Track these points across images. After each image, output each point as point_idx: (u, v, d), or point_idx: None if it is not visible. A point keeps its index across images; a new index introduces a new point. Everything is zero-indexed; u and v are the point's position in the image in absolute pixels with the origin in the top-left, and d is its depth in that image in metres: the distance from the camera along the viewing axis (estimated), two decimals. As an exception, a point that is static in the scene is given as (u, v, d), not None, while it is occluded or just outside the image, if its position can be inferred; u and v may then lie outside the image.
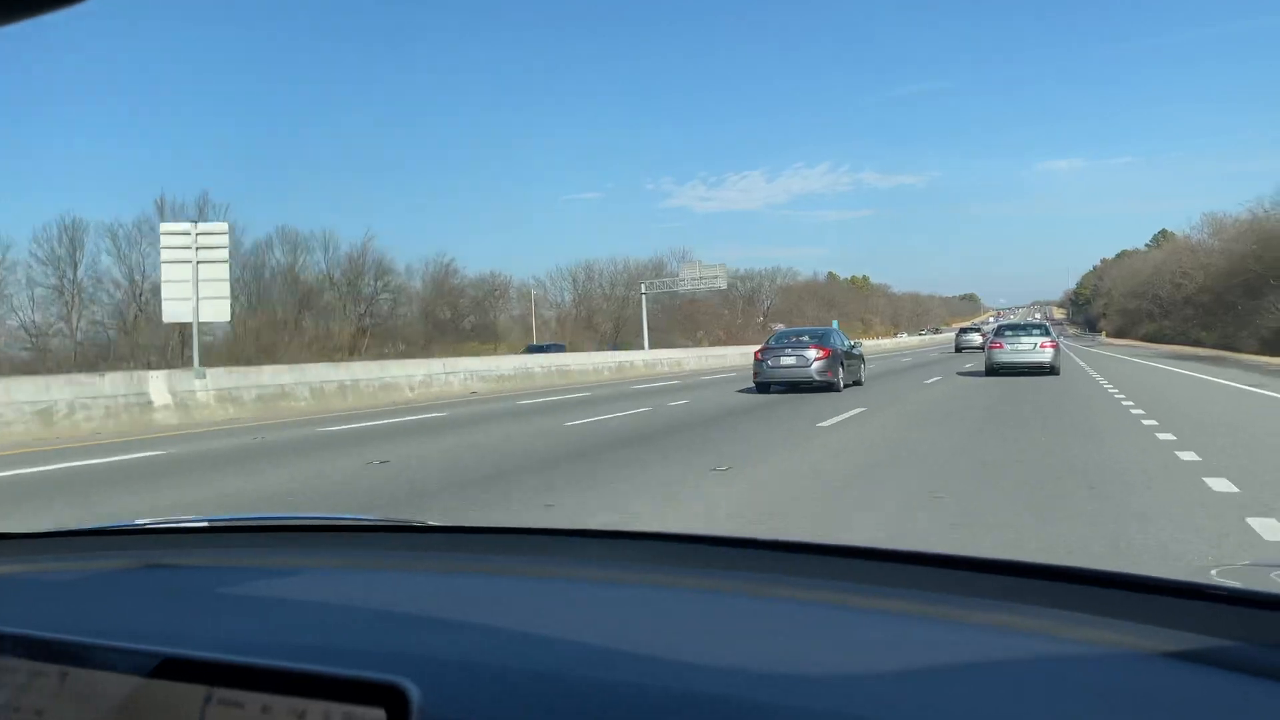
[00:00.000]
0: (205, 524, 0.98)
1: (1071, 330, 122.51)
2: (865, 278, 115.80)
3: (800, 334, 13.73)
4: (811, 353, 12.57)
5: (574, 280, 62.96)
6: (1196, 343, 45.26)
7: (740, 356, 25.00)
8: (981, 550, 0.68)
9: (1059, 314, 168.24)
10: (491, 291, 54.95)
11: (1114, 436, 6.57)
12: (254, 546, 0.90)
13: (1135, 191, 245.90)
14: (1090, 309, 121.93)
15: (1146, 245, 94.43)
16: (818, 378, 12.43)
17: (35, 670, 0.43)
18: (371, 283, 45.42)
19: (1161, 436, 6.37)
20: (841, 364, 12.92)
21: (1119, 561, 2.53)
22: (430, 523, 0.94)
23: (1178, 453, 5.55)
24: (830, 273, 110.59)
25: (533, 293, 55.25)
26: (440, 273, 51.72)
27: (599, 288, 62.45)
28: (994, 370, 15.60)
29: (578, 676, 0.49)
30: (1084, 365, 19.54)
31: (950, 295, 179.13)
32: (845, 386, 13.08)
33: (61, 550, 0.90)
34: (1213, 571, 0.71)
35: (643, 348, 34.84)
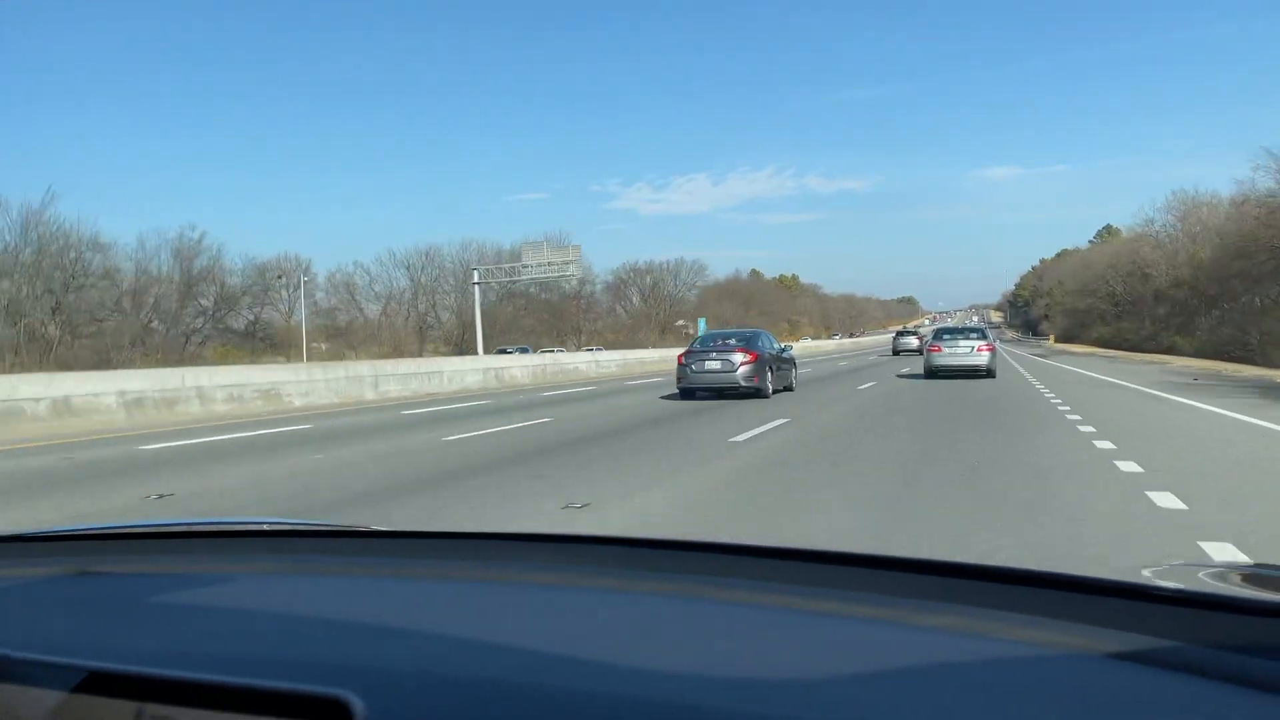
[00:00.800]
0: (141, 529, 0.97)
1: (1010, 334, 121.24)
2: (794, 277, 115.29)
3: (726, 337, 13.77)
4: (738, 357, 12.54)
5: (409, 267, 50.46)
6: (1169, 349, 37.31)
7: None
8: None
9: (996, 317, 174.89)
10: (269, 278, 44.44)
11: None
12: (190, 552, 0.89)
13: (1070, 199, 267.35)
14: (1030, 311, 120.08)
15: (1091, 242, 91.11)
16: (744, 384, 12.40)
17: None
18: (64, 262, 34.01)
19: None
20: (770, 369, 12.98)
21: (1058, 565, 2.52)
22: (373, 528, 0.94)
23: None
24: (754, 270, 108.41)
25: (302, 281, 44.14)
26: (188, 250, 40.96)
27: (449, 278, 51.00)
28: (933, 373, 16.52)
29: (529, 684, 0.49)
30: (1051, 398, 11.66)
31: (888, 298, 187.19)
32: (775, 392, 13.17)
33: None
34: (1145, 571, 0.72)
35: (478, 351, 31.50)
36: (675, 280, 68.02)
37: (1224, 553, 3.33)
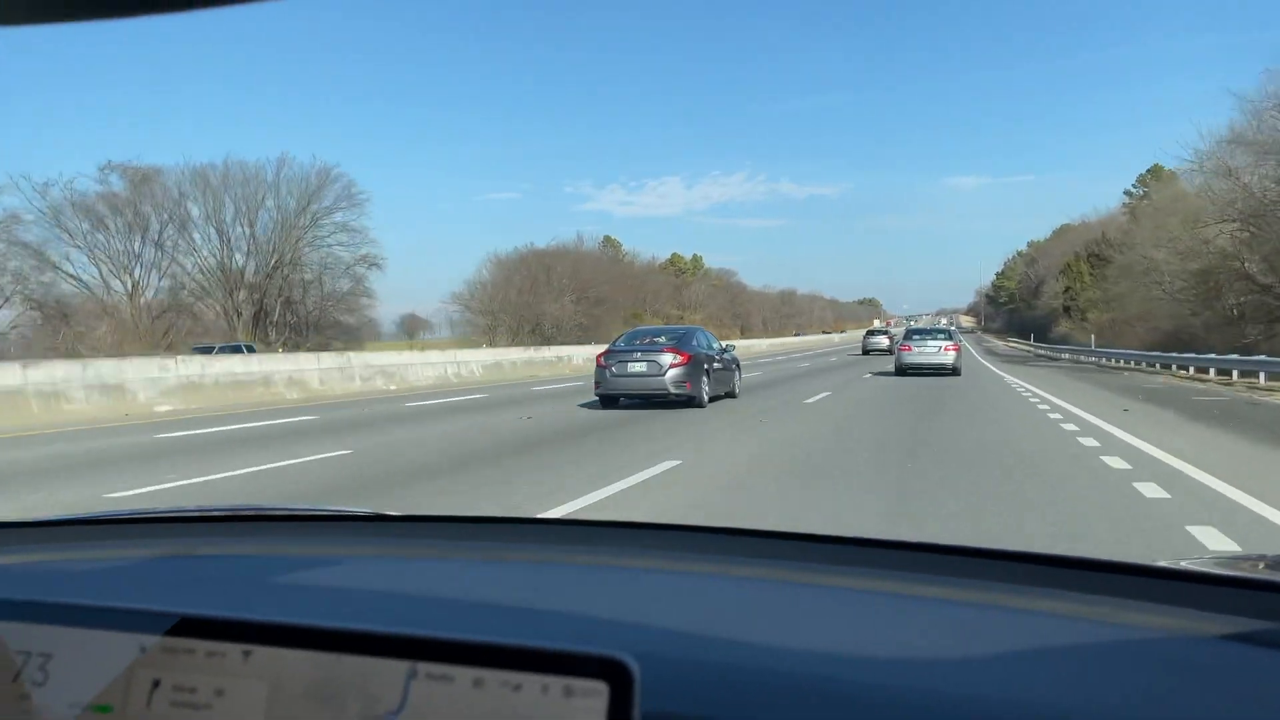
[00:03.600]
0: (234, 513, 1.13)
1: (996, 340, 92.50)
2: (696, 258, 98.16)
3: (655, 334, 13.57)
4: (667, 358, 12.30)
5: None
6: None
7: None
8: None
9: (967, 321, 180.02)
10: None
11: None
12: (279, 536, 1.06)
13: (1036, 209, 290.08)
14: (1023, 310, 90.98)
15: (1132, 195, 65.53)
16: (674, 390, 12.17)
17: (212, 650, 0.46)
18: None
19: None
20: (706, 373, 12.76)
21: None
22: (479, 515, 1.12)
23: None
24: (675, 254, 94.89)
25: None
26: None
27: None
28: (903, 370, 20.59)
29: (688, 659, 0.61)
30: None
31: (848, 300, 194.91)
32: (714, 399, 13.02)
33: (67, 539, 1.03)
34: (1182, 563, 0.89)
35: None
36: (560, 264, 58.49)
37: None
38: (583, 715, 0.43)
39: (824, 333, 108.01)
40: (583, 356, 27.85)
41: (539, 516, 1.21)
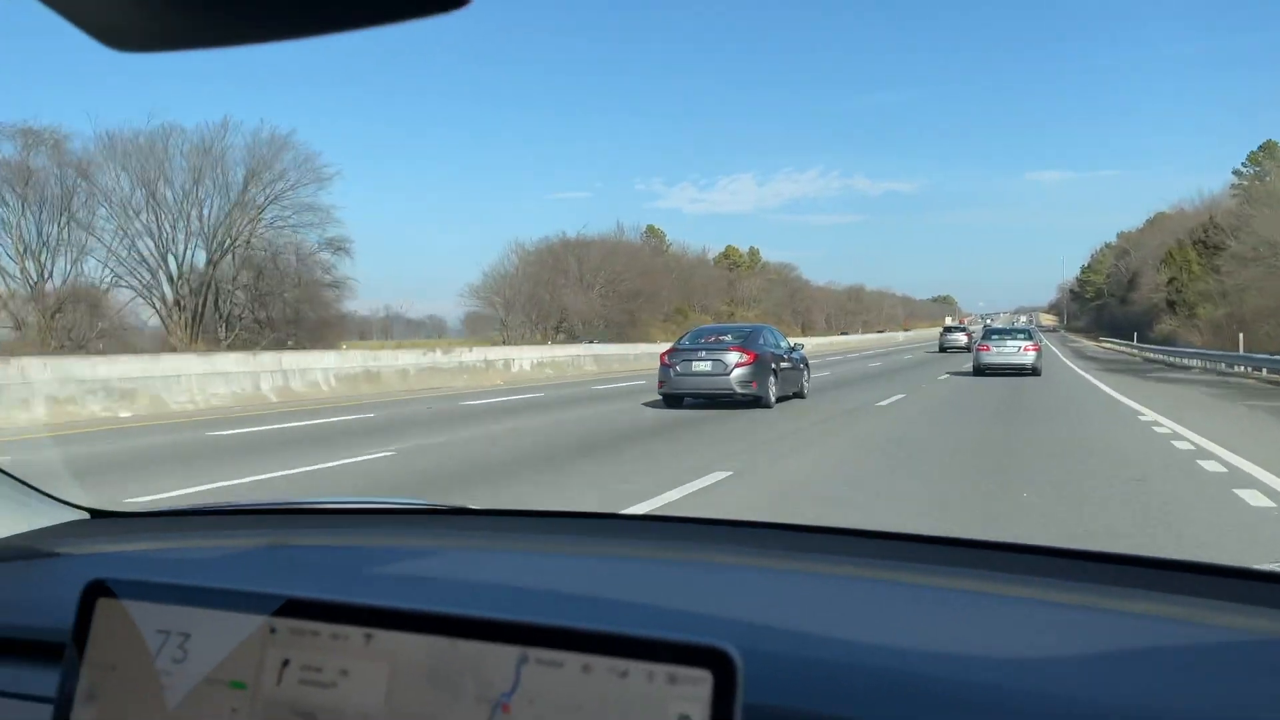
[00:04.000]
0: (323, 506, 1.20)
1: (1085, 340, 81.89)
2: (753, 251, 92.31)
3: (721, 333, 13.61)
4: (732, 357, 12.30)
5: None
6: None
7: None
8: None
9: (1048, 320, 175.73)
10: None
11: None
12: (367, 527, 1.12)
13: (1122, 202, 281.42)
14: (1114, 306, 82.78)
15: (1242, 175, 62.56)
16: (739, 390, 12.15)
17: (335, 633, 0.51)
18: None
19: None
20: (773, 373, 12.74)
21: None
22: (566, 509, 1.18)
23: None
24: (730, 246, 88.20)
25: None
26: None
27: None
28: (981, 370, 21.05)
29: (774, 653, 0.63)
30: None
31: (922, 297, 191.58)
32: (781, 400, 12.98)
33: (176, 530, 1.11)
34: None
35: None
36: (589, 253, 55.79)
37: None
38: (687, 702, 0.46)
39: (878, 331, 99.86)
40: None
41: (621, 513, 1.25)
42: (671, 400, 12.86)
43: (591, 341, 33.69)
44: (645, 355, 26.62)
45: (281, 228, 41.27)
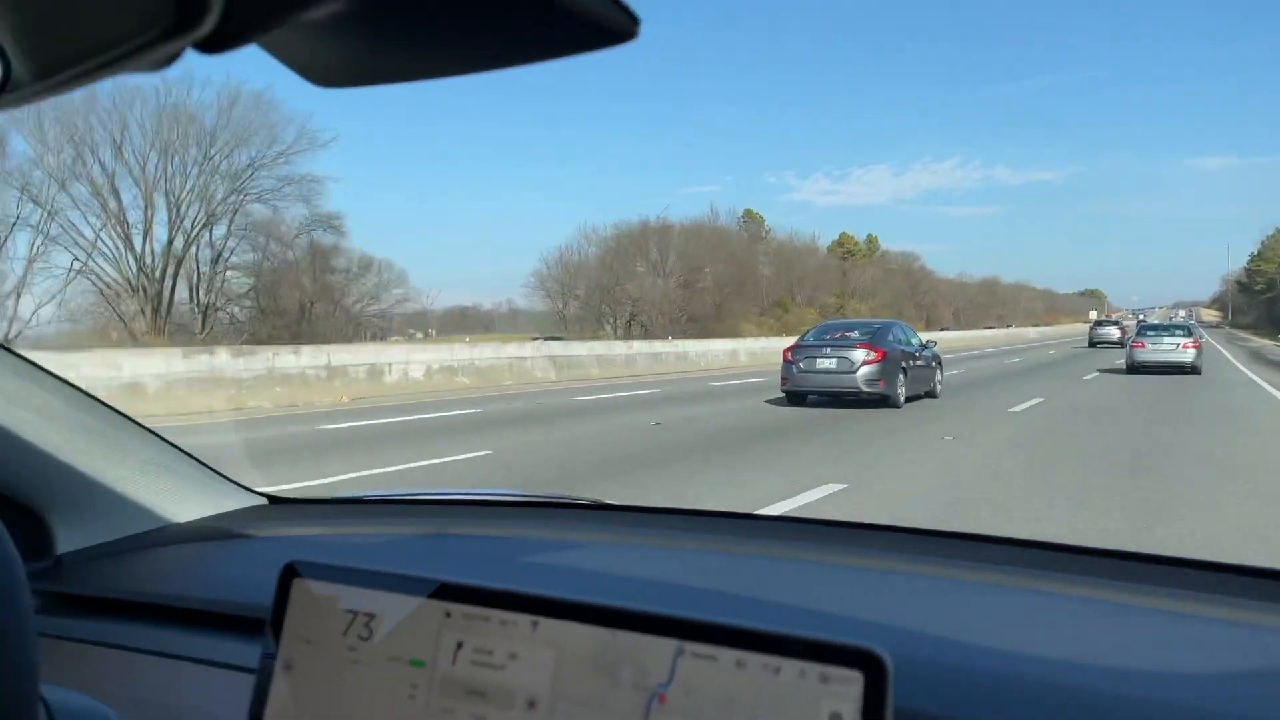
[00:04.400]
0: (481, 498, 1.29)
1: (1265, 340, 63.18)
2: (871, 238, 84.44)
3: (847, 328, 13.40)
4: (859, 354, 12.10)
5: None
6: None
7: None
8: None
9: (1210, 315, 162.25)
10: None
11: None
12: (527, 520, 1.20)
13: None
14: None
15: None
16: (865, 388, 11.97)
17: (505, 619, 0.56)
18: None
19: None
20: (903, 371, 12.50)
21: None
22: (701, 508, 1.26)
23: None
24: (843, 233, 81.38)
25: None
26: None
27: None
28: (1135, 368, 20.06)
29: (933, 660, 0.65)
30: None
31: (1066, 291, 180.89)
32: (910, 399, 12.69)
33: (348, 516, 1.22)
34: None
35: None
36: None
37: None
38: (837, 701, 0.49)
39: (1005, 326, 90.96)
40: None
41: (757, 513, 1.28)
42: (794, 398, 12.73)
43: (669, 338, 31.69)
44: (764, 351, 26.19)
45: (274, 199, 34.20)
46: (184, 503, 1.09)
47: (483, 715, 0.56)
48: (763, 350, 27.40)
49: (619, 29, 0.34)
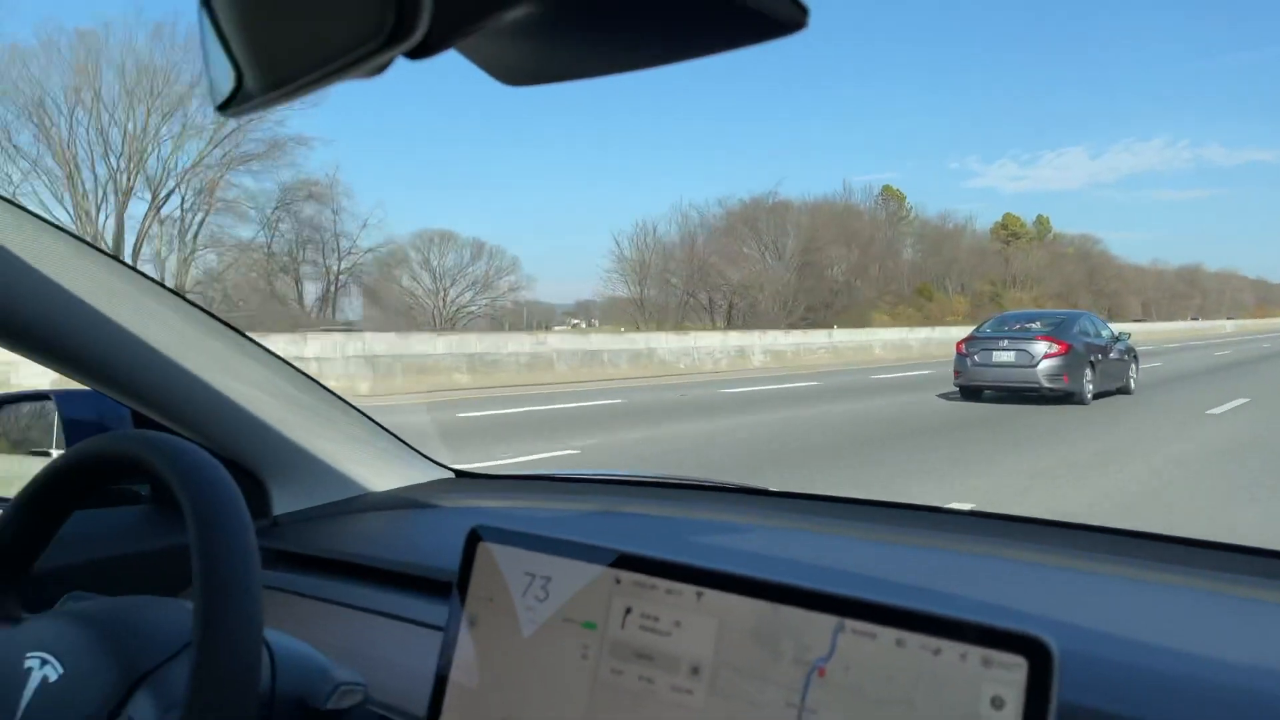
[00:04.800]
0: (650, 479, 1.35)
1: None
2: (1043, 219, 71.40)
3: (1029, 319, 12.69)
4: (1040, 347, 11.41)
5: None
6: None
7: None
8: None
9: None
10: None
11: None
12: (696, 502, 1.23)
13: None
14: None
15: None
16: (1047, 384, 11.29)
17: (671, 588, 0.59)
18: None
19: None
20: (1089, 365, 11.73)
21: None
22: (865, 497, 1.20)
23: None
24: (1007, 214, 69.87)
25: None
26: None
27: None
28: None
29: (1104, 658, 0.64)
30: None
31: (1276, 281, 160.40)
32: (1099, 396, 11.92)
33: (524, 491, 1.30)
34: None
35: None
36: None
37: None
38: (999, 686, 0.49)
39: (1191, 319, 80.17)
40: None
41: (922, 504, 1.26)
42: (968, 393, 12.20)
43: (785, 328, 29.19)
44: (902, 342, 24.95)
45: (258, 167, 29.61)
46: (381, 474, 1.20)
47: (650, 677, 0.60)
48: (901, 341, 26.24)
49: (790, 20, 0.35)
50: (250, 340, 1.07)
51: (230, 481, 0.66)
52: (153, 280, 1.00)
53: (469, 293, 40.15)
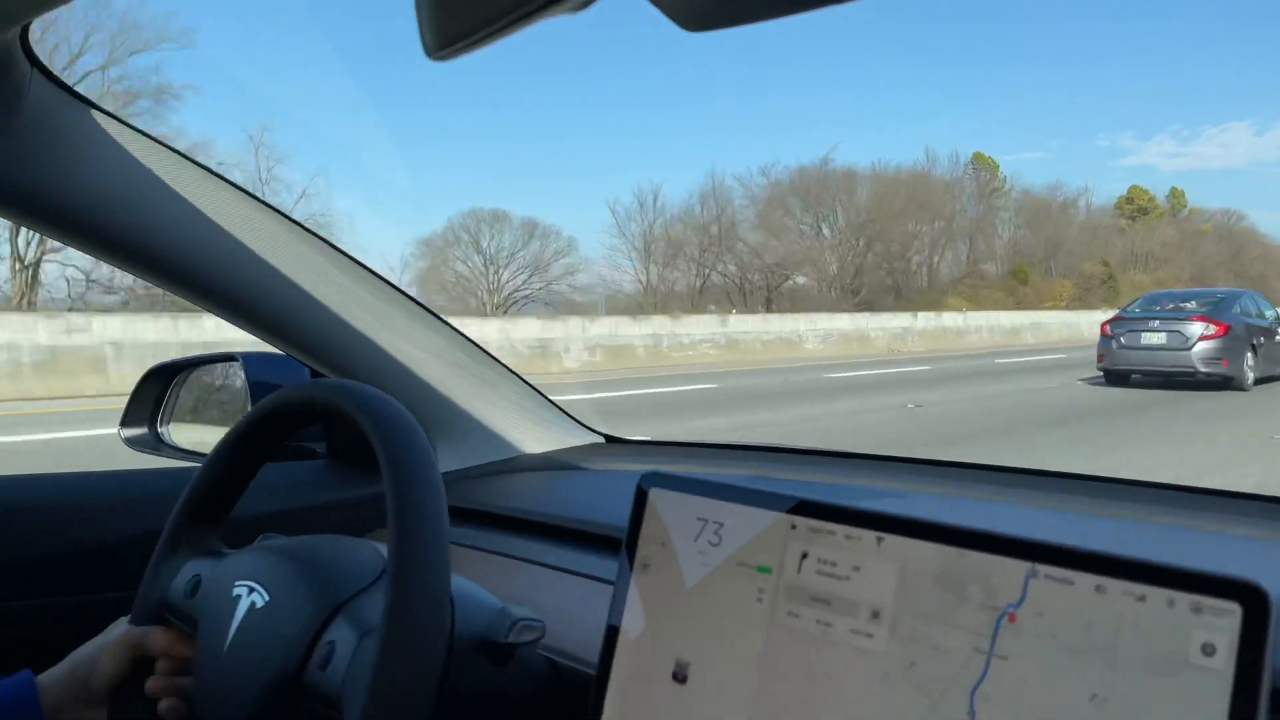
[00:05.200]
0: (803, 449, 1.39)
1: None
2: (1177, 191, 60.36)
3: (1182, 299, 11.90)
4: (1195, 328, 10.65)
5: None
6: None
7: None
8: None
9: None
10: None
11: None
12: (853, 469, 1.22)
13: None
14: None
15: None
16: (1202, 368, 10.55)
17: (850, 534, 0.59)
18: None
19: None
20: (1253, 348, 10.91)
21: None
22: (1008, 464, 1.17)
23: None
24: (1133, 186, 58.03)
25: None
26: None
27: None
28: None
29: None
30: None
31: None
32: (1263, 381, 11.02)
33: (691, 456, 1.34)
34: None
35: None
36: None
37: None
38: (1210, 633, 0.47)
39: None
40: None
41: (1097, 475, 1.21)
42: (1114, 378, 11.54)
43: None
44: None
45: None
46: (537, 438, 1.25)
47: (829, 622, 0.60)
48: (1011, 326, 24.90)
49: None
50: (423, 307, 1.13)
51: (421, 430, 0.70)
52: (333, 246, 1.06)
53: (521, 274, 36.26)
